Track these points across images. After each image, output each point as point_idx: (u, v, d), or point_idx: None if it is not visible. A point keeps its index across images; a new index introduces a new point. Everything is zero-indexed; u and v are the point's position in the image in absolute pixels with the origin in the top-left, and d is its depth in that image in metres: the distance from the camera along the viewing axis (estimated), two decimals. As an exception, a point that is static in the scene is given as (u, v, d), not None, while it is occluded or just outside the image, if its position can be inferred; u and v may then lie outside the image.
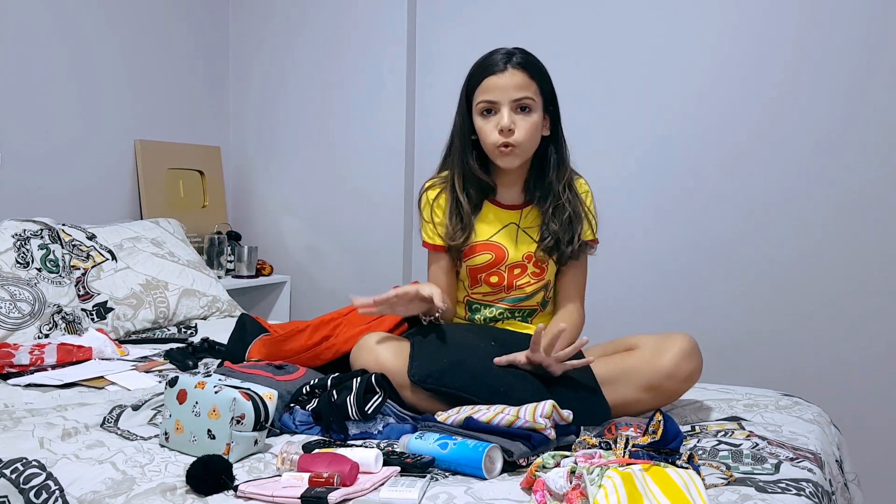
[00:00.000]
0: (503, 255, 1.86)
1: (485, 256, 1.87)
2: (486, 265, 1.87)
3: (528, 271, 1.87)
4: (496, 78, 1.77)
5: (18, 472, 1.34)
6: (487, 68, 1.79)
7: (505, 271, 1.87)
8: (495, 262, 1.86)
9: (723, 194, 2.78)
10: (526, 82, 1.78)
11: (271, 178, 3.50)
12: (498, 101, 1.77)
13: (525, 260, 1.86)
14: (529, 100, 1.78)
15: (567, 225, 1.84)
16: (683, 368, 1.65)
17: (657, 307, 2.87)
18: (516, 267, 1.87)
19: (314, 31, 3.36)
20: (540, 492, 1.20)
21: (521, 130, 1.77)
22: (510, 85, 1.76)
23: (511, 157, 1.80)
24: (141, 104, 3.12)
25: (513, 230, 1.88)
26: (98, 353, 2.07)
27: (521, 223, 1.88)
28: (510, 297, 1.89)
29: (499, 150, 1.79)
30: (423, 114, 3.24)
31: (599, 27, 2.91)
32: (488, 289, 1.89)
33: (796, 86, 2.66)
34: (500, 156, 1.80)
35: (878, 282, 2.59)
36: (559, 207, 1.85)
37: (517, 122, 1.77)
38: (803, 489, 1.29)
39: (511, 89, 1.76)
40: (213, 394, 1.40)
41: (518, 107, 1.77)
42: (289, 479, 1.26)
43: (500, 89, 1.77)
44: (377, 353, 1.64)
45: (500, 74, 1.77)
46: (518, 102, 1.77)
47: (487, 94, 1.78)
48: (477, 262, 1.87)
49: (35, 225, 2.41)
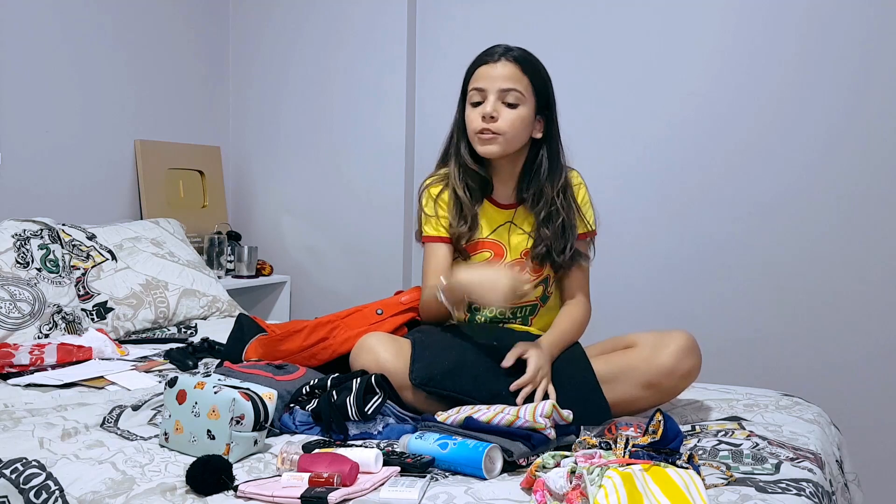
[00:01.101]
0: (502, 253, 1.86)
1: (485, 254, 1.87)
2: (487, 263, 1.87)
3: (527, 269, 1.86)
4: (488, 67, 1.79)
5: (18, 472, 1.34)
6: (482, 58, 1.81)
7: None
8: (494, 259, 1.86)
9: (723, 194, 2.77)
10: (517, 75, 1.78)
11: (271, 178, 3.50)
12: (486, 90, 1.78)
13: (523, 256, 1.87)
14: (517, 93, 1.77)
15: (559, 233, 1.83)
16: (682, 365, 1.65)
17: (656, 307, 2.87)
18: (516, 265, 1.86)
19: (314, 31, 3.36)
20: (540, 492, 1.20)
21: (503, 120, 1.77)
22: (500, 75, 1.77)
23: (490, 145, 1.79)
24: (141, 104, 3.12)
25: (508, 228, 1.88)
26: (98, 353, 2.07)
27: (515, 221, 1.88)
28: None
29: (478, 136, 1.79)
30: (423, 113, 3.23)
31: (599, 28, 2.91)
32: None
33: (796, 86, 2.66)
34: (480, 142, 1.80)
35: (879, 282, 2.59)
36: (553, 213, 1.83)
37: (501, 111, 1.77)
38: (803, 489, 1.29)
39: (500, 79, 1.77)
40: (212, 394, 1.40)
41: (505, 98, 1.77)
42: (289, 479, 1.26)
43: (489, 78, 1.78)
44: (377, 354, 1.63)
45: (493, 64, 1.78)
46: (505, 93, 1.77)
47: (477, 82, 1.79)
48: (478, 260, 1.87)
49: (35, 225, 2.41)
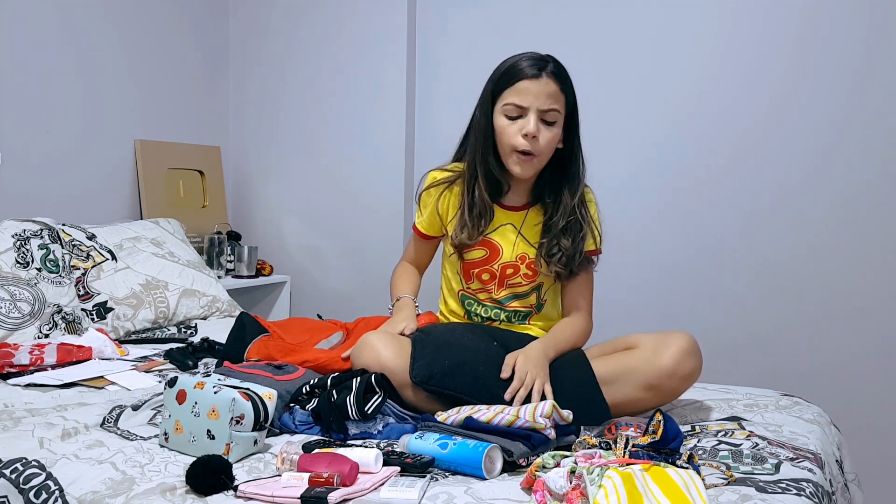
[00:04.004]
0: (497, 253, 1.86)
1: (479, 252, 1.87)
2: (480, 261, 1.87)
3: (521, 272, 1.86)
4: (530, 83, 1.74)
5: (18, 472, 1.34)
6: (521, 71, 1.75)
7: (497, 269, 1.87)
8: (489, 259, 1.87)
9: (723, 194, 2.77)
10: (556, 94, 1.76)
11: (271, 178, 3.50)
12: (527, 107, 1.75)
13: (518, 261, 1.86)
14: (556, 112, 1.76)
15: (576, 243, 1.83)
16: (683, 367, 1.65)
17: (657, 307, 2.87)
18: (509, 267, 1.87)
19: (314, 31, 3.36)
20: (540, 492, 1.20)
21: (543, 140, 1.76)
22: (543, 93, 1.74)
23: (528, 165, 1.78)
24: (141, 104, 3.11)
25: (510, 230, 1.87)
26: (98, 353, 2.07)
27: (520, 226, 1.87)
28: (501, 297, 1.88)
29: (518, 156, 1.78)
30: (423, 114, 3.23)
31: (599, 28, 2.91)
32: (479, 285, 1.89)
33: (796, 87, 2.66)
34: (518, 162, 1.78)
35: (879, 282, 2.59)
36: (572, 224, 1.83)
37: (541, 131, 1.75)
38: (803, 489, 1.29)
39: (543, 97, 1.74)
40: (212, 394, 1.40)
41: (544, 116, 1.75)
42: (289, 479, 1.26)
43: (532, 95, 1.74)
44: (378, 352, 1.63)
45: (535, 80, 1.74)
46: (545, 112, 1.75)
47: (518, 98, 1.75)
48: (471, 257, 1.88)
49: (35, 225, 2.41)
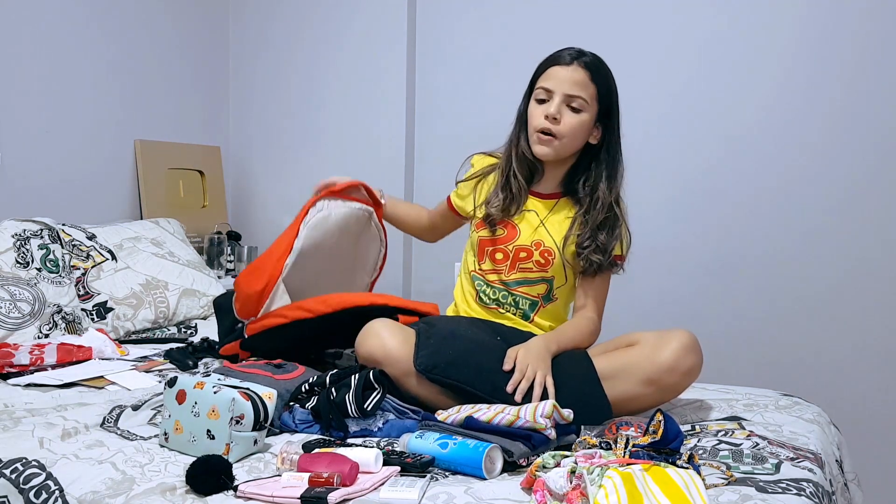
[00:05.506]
0: (514, 235, 1.88)
1: (499, 231, 1.90)
2: (495, 239, 1.89)
3: (533, 258, 1.87)
4: (559, 69, 1.81)
5: (18, 472, 1.34)
6: (555, 58, 1.83)
7: (511, 250, 1.88)
8: (504, 238, 1.89)
9: (722, 194, 2.77)
10: (585, 82, 1.80)
11: (271, 178, 3.49)
12: (553, 91, 1.80)
13: (533, 246, 1.88)
14: (582, 100, 1.80)
15: (614, 239, 1.87)
16: (684, 362, 1.65)
17: (657, 307, 2.87)
18: (523, 250, 1.88)
19: (314, 30, 3.36)
20: (540, 492, 1.20)
21: (564, 124, 1.80)
22: (569, 78, 1.80)
23: (547, 146, 1.83)
24: (141, 104, 3.11)
25: (532, 217, 1.90)
26: (98, 352, 2.07)
27: (545, 215, 1.89)
28: (511, 280, 1.89)
29: (538, 136, 1.82)
30: (423, 114, 3.22)
31: (599, 28, 2.90)
32: (491, 265, 1.91)
33: (794, 86, 2.66)
34: (538, 142, 1.83)
35: (879, 282, 2.59)
36: (611, 219, 1.87)
37: (564, 114, 1.80)
38: (804, 489, 1.29)
39: (568, 83, 1.80)
40: (212, 394, 1.40)
41: (570, 102, 1.80)
42: (289, 479, 1.26)
43: (558, 80, 1.81)
44: (384, 340, 1.64)
45: (564, 67, 1.81)
46: (571, 98, 1.79)
47: (546, 82, 1.82)
48: (487, 235, 1.90)
49: (35, 225, 2.41)
